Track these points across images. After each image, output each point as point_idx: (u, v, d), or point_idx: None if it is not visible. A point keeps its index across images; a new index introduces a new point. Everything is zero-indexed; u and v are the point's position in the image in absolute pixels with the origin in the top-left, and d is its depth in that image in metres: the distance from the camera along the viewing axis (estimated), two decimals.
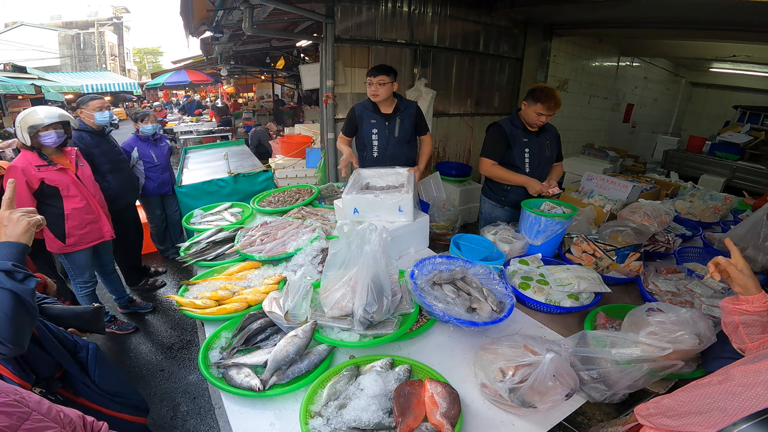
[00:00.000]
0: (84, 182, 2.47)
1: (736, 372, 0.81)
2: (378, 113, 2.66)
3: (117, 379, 1.43)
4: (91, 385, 1.32)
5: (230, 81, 17.14)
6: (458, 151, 5.44)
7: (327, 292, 1.50)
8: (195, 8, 4.13)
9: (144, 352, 2.89)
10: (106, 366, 1.41)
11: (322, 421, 1.10)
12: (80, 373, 1.31)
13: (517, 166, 2.43)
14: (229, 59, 8.57)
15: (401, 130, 2.68)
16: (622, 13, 4.14)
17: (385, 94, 2.56)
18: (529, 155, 2.41)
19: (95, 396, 1.32)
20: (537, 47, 5.46)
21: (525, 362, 1.17)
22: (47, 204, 2.36)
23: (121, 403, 1.39)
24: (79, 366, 1.33)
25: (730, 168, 6.61)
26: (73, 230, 2.44)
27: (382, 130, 2.67)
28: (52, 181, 2.32)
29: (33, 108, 2.31)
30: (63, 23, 24.90)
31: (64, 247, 2.46)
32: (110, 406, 1.35)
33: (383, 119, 2.66)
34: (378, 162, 2.66)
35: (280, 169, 5.12)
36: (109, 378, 1.38)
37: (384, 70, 2.53)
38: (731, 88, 9.09)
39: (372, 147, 2.70)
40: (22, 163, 2.24)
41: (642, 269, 1.97)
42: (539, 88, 2.29)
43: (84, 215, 2.47)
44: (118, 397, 1.39)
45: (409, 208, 2.08)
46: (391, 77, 2.54)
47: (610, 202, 2.90)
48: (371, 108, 2.66)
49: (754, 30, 3.76)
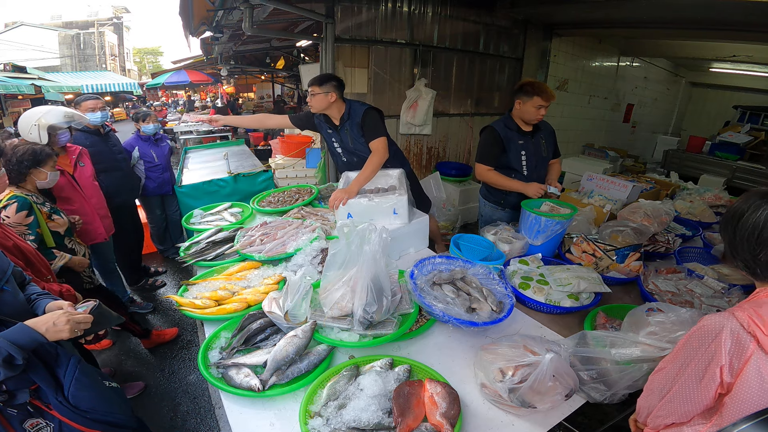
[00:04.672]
0: (81, 184, 2.44)
1: None
2: (330, 123, 2.53)
3: (95, 396, 1.39)
4: (63, 402, 1.30)
5: (230, 81, 17.14)
6: (458, 151, 5.44)
7: (327, 292, 1.49)
8: (195, 8, 4.13)
9: (144, 351, 2.89)
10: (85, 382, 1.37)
11: (321, 421, 1.10)
12: (54, 390, 1.29)
13: (514, 169, 2.41)
14: (229, 59, 8.57)
15: (353, 140, 2.51)
16: (622, 13, 4.14)
17: (319, 105, 2.40)
18: (526, 157, 2.38)
19: (67, 412, 1.30)
20: (537, 47, 5.46)
21: (525, 362, 1.17)
22: None
23: (95, 420, 1.36)
24: (54, 381, 1.31)
25: (730, 168, 6.60)
26: None
27: (337, 140, 2.59)
28: None
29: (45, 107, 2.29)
30: (63, 23, 24.89)
31: None
32: (83, 422, 1.33)
33: (335, 130, 2.54)
34: (351, 167, 2.59)
35: (280, 169, 5.12)
36: (85, 395, 1.35)
37: (315, 81, 2.37)
38: (731, 88, 9.09)
39: (337, 155, 2.68)
40: None
41: (642, 269, 1.97)
42: (529, 83, 2.28)
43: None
44: (92, 413, 1.36)
45: (404, 210, 2.08)
46: (325, 88, 2.35)
47: (610, 202, 2.90)
48: (323, 118, 2.55)
49: (754, 30, 3.75)
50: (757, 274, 0.88)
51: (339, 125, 2.50)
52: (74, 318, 1.22)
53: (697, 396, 0.85)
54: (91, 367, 1.47)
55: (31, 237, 1.91)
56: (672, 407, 0.89)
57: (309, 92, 2.41)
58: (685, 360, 0.88)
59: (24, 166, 2.00)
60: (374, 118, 2.45)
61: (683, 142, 8.25)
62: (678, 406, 0.88)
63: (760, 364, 0.77)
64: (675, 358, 0.92)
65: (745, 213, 0.88)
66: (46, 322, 1.18)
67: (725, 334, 0.80)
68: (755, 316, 0.79)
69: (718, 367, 0.80)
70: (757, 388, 0.77)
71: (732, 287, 1.77)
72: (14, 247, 1.82)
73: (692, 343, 0.87)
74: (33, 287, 1.46)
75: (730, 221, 0.92)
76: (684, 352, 0.89)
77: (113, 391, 1.50)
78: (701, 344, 0.85)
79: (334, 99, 2.39)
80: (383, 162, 2.34)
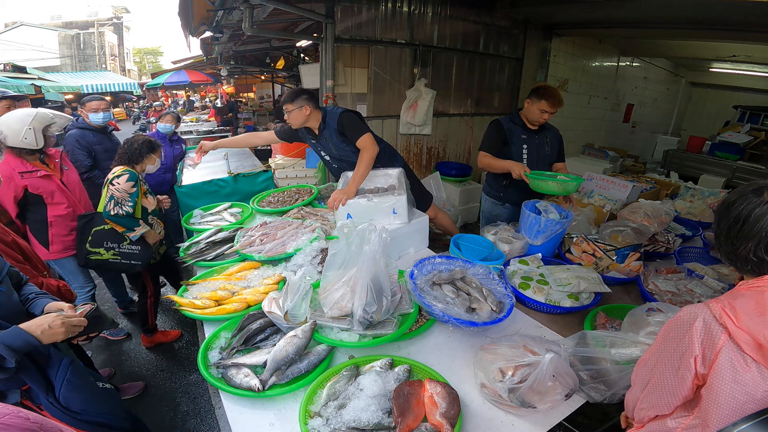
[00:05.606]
0: (70, 188, 2.39)
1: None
2: (312, 134, 2.54)
3: (87, 398, 1.39)
4: (54, 403, 1.31)
5: (230, 81, 17.12)
6: (458, 151, 5.44)
7: (326, 292, 1.49)
8: (195, 8, 4.12)
9: (144, 352, 2.89)
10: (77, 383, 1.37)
11: (321, 421, 1.10)
12: (45, 391, 1.30)
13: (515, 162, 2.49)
14: (229, 59, 8.56)
15: (336, 147, 2.51)
16: (622, 13, 4.14)
17: (297, 121, 2.42)
18: (527, 151, 2.47)
19: (58, 413, 1.30)
20: (537, 47, 5.46)
21: (524, 362, 1.17)
22: (30, 211, 2.28)
23: (86, 421, 1.37)
24: (45, 382, 1.31)
25: (730, 168, 6.60)
26: (56, 237, 2.35)
27: (322, 149, 2.60)
28: (36, 188, 2.22)
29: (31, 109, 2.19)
30: (63, 23, 24.88)
31: (48, 254, 2.37)
32: (74, 423, 1.33)
33: (317, 140, 2.56)
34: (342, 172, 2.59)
35: (280, 169, 5.12)
36: (76, 397, 1.35)
37: (287, 99, 2.39)
38: (731, 88, 9.08)
39: (327, 162, 2.70)
40: (7, 171, 2.12)
41: (642, 269, 1.97)
42: (543, 87, 2.37)
43: (69, 222, 2.38)
44: (83, 414, 1.37)
45: (404, 209, 2.08)
46: (297, 103, 2.35)
47: (610, 202, 2.90)
48: (305, 130, 2.56)
49: (754, 30, 3.75)
50: (738, 267, 0.88)
51: (318, 134, 2.51)
52: (69, 321, 1.22)
53: (674, 386, 0.84)
54: (84, 368, 1.47)
55: (130, 203, 2.29)
56: (653, 398, 0.89)
57: (284, 110, 2.40)
58: (663, 350, 0.88)
59: (142, 151, 2.39)
60: (351, 119, 2.42)
61: (683, 142, 8.25)
62: (658, 398, 0.88)
63: (732, 356, 0.76)
64: (654, 348, 0.93)
65: (732, 205, 0.86)
66: (40, 324, 1.17)
67: (698, 324, 0.80)
68: (728, 308, 0.78)
69: (692, 357, 0.80)
70: (730, 380, 0.76)
71: (732, 287, 1.76)
72: (12, 242, 1.83)
73: (669, 333, 0.87)
74: (30, 287, 1.46)
75: (717, 212, 0.92)
76: (662, 342, 0.90)
77: (106, 392, 1.50)
78: (677, 334, 0.85)
79: (309, 112, 2.39)
80: (375, 156, 2.33)
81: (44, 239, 2.35)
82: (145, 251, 2.39)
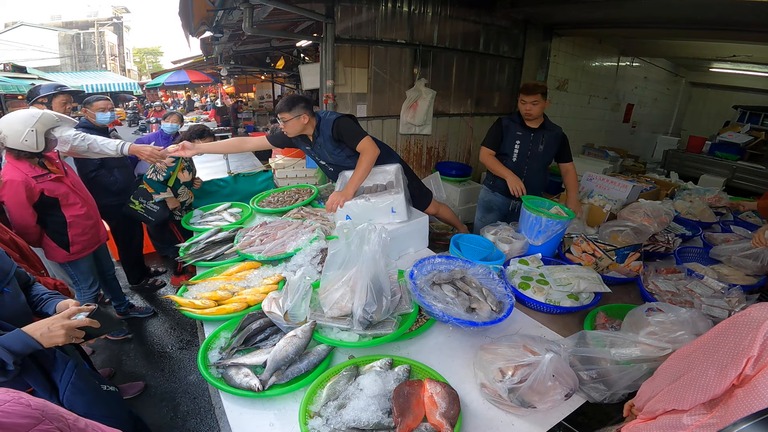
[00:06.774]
0: (77, 188, 2.40)
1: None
2: (306, 141, 2.52)
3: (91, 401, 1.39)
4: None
5: (230, 81, 17.13)
6: (458, 151, 5.44)
7: (326, 292, 1.49)
8: (195, 8, 4.13)
9: (144, 352, 2.89)
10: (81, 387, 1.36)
11: (321, 421, 1.10)
12: (49, 394, 1.29)
13: (506, 154, 2.72)
14: (229, 59, 8.57)
15: (330, 154, 2.48)
16: (622, 13, 4.15)
17: (294, 130, 2.37)
18: (519, 146, 2.66)
19: None
20: (537, 47, 5.46)
21: (524, 362, 1.17)
22: (48, 215, 2.26)
23: None
24: (49, 385, 1.31)
25: (730, 168, 6.60)
26: (76, 238, 2.37)
27: (317, 155, 2.59)
28: (52, 191, 2.21)
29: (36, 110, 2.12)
30: (63, 23, 24.88)
31: (68, 255, 2.37)
32: None
33: (311, 147, 2.53)
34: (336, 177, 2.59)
35: (280, 169, 5.11)
36: (80, 400, 1.34)
37: (284, 107, 2.31)
38: (731, 88, 9.09)
39: (323, 167, 2.70)
40: (21, 176, 2.07)
41: (642, 269, 1.96)
42: (525, 83, 2.67)
43: (85, 221, 2.40)
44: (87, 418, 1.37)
45: (402, 207, 2.08)
46: (295, 112, 2.29)
47: (610, 202, 2.90)
48: (299, 137, 2.52)
49: (754, 30, 3.76)
50: None
51: (313, 141, 2.48)
52: (70, 324, 1.21)
53: (710, 384, 0.80)
54: (89, 371, 1.47)
55: (164, 174, 2.87)
56: (680, 393, 0.86)
57: (279, 119, 2.34)
58: (714, 345, 0.84)
59: (193, 136, 3.00)
60: (347, 125, 2.36)
61: (683, 142, 8.26)
62: (688, 392, 0.84)
63: None
64: (702, 343, 0.88)
65: None
66: (40, 327, 1.17)
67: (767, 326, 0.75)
68: None
69: (746, 357, 0.75)
70: None
71: (732, 287, 1.77)
72: (11, 240, 1.83)
73: (729, 329, 0.83)
74: (38, 287, 1.46)
75: None
76: (715, 338, 0.85)
77: (110, 395, 1.49)
78: (739, 331, 0.80)
79: (307, 120, 2.35)
80: (375, 159, 2.30)
81: (64, 241, 2.33)
82: (162, 211, 2.92)
